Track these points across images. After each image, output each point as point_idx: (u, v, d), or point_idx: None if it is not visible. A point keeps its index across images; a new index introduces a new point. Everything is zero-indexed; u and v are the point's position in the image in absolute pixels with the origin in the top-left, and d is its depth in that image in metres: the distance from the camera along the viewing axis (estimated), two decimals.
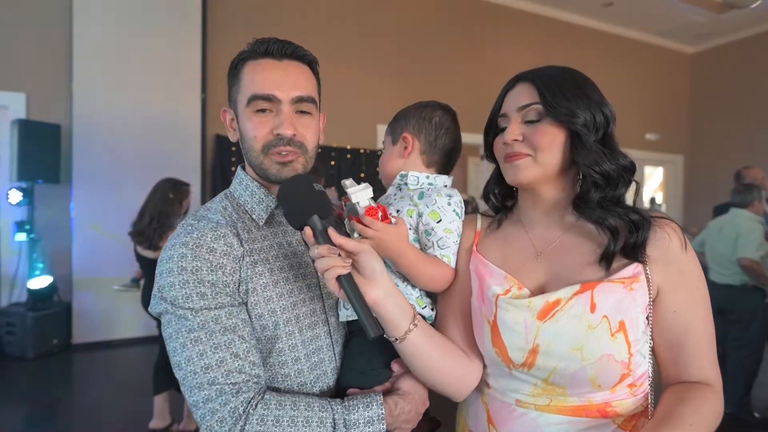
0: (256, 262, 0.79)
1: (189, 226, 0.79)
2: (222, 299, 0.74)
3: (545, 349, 0.75)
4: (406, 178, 0.93)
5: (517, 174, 0.80)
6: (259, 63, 0.82)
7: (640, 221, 0.75)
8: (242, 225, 0.82)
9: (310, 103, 0.84)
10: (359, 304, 0.72)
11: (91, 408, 3.05)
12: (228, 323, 0.74)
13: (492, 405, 0.83)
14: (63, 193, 4.15)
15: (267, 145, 0.82)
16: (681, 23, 6.59)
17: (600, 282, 0.74)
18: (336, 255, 0.72)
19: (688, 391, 0.74)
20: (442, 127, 0.95)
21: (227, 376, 0.71)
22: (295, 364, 0.80)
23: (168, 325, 0.75)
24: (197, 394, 0.71)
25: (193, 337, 0.72)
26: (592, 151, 0.76)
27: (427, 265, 0.85)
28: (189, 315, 0.73)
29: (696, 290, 0.77)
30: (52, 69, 4.11)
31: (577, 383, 0.75)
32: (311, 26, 5.03)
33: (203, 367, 0.71)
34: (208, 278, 0.74)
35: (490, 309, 0.80)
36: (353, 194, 0.78)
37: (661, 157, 7.51)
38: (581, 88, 0.79)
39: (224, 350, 0.72)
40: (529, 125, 0.79)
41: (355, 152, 5.24)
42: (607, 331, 0.72)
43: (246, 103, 0.82)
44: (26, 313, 3.80)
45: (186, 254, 0.74)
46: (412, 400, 0.81)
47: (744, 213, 2.98)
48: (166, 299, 0.74)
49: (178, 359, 0.73)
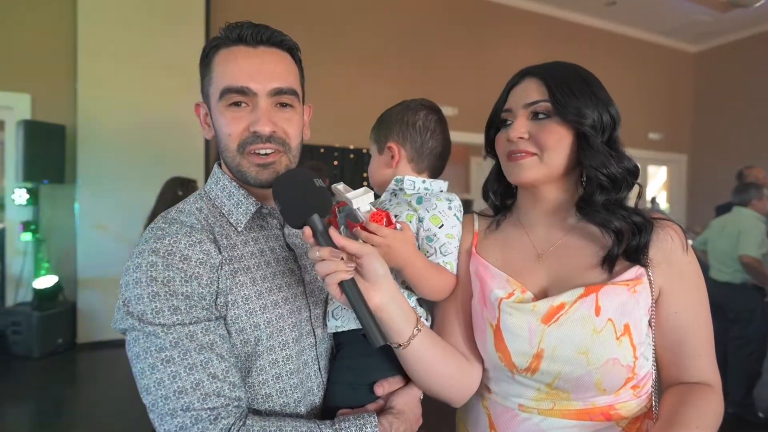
0: (236, 272, 0.71)
1: (159, 231, 0.69)
2: (197, 313, 0.66)
3: (550, 354, 0.73)
4: (402, 183, 0.88)
5: (521, 173, 0.77)
6: (231, 51, 0.73)
7: (643, 224, 0.74)
8: (219, 229, 0.74)
9: (291, 95, 0.75)
10: (363, 311, 0.66)
11: (95, 407, 3.07)
12: (204, 340, 0.65)
13: (493, 410, 0.81)
14: (68, 193, 4.17)
15: (243, 142, 0.73)
16: (684, 22, 6.56)
17: (604, 285, 0.73)
18: (338, 258, 0.66)
19: (691, 392, 0.73)
20: (427, 130, 0.89)
21: (204, 400, 0.63)
22: (277, 382, 0.72)
23: (135, 344, 0.65)
24: (169, 422, 0.63)
25: (165, 356, 0.63)
26: (599, 152, 0.74)
27: (433, 274, 0.80)
28: (160, 332, 0.64)
29: (696, 291, 0.77)
30: (57, 70, 4.13)
31: (582, 388, 0.73)
32: (314, 26, 5.04)
33: (176, 391, 0.62)
34: (181, 290, 0.65)
35: (492, 313, 0.78)
36: (354, 200, 0.72)
37: (665, 156, 7.49)
38: (590, 86, 0.77)
39: (200, 371, 0.64)
40: (536, 123, 0.77)
41: (358, 152, 5.24)
42: (612, 334, 0.71)
43: (218, 96, 0.73)
44: (32, 313, 3.82)
45: (156, 263, 0.65)
46: (406, 419, 0.75)
47: (746, 211, 2.98)
48: (133, 314, 0.65)
49: (146, 383, 0.64)
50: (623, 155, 0.78)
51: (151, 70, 4.28)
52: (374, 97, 5.27)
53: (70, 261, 4.16)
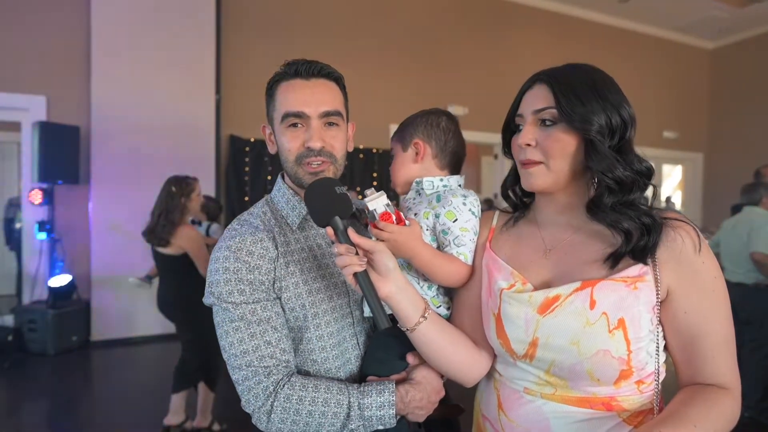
0: (288, 263, 0.90)
1: (233, 231, 0.90)
2: (258, 295, 0.86)
3: (544, 342, 0.78)
4: (422, 185, 0.99)
5: (530, 181, 0.83)
6: (290, 84, 0.92)
7: (652, 224, 0.75)
8: (278, 229, 0.93)
9: (337, 116, 0.93)
10: (372, 299, 0.78)
11: (109, 403, 3.12)
12: (263, 315, 0.85)
13: (503, 391, 0.87)
14: (82, 193, 4.24)
15: (299, 156, 0.91)
16: (700, 18, 6.45)
17: (601, 280, 0.76)
18: (353, 253, 0.78)
19: (701, 392, 0.73)
20: (449, 131, 1.01)
21: (261, 360, 0.84)
22: (322, 351, 0.91)
23: (216, 315, 0.88)
24: (237, 372, 0.84)
25: (234, 326, 0.85)
26: (605, 157, 0.76)
27: (442, 263, 0.89)
28: (230, 308, 0.85)
29: (711, 292, 0.76)
30: (72, 72, 4.20)
31: (576, 376, 0.77)
32: (324, 27, 5.05)
33: (242, 351, 0.84)
34: (246, 277, 0.85)
35: (495, 302, 0.85)
36: (369, 203, 0.85)
37: (680, 155, 7.37)
38: (599, 90, 0.78)
39: (259, 338, 0.84)
40: (543, 129, 0.80)
41: (368, 152, 5.25)
42: (605, 327, 0.73)
43: (280, 120, 0.91)
44: (47, 311, 3.89)
45: (229, 257, 0.86)
46: (423, 389, 0.89)
47: (757, 210, 2.96)
48: (214, 294, 0.87)
49: (223, 343, 0.86)
50: (633, 158, 0.78)
51: (165, 71, 4.33)
52: (385, 97, 5.27)
53: (84, 260, 4.22)
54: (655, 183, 0.81)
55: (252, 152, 4.79)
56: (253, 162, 4.82)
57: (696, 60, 7.43)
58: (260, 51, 4.71)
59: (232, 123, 4.72)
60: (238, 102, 4.66)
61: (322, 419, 0.82)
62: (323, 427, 0.83)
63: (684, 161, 7.60)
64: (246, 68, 4.72)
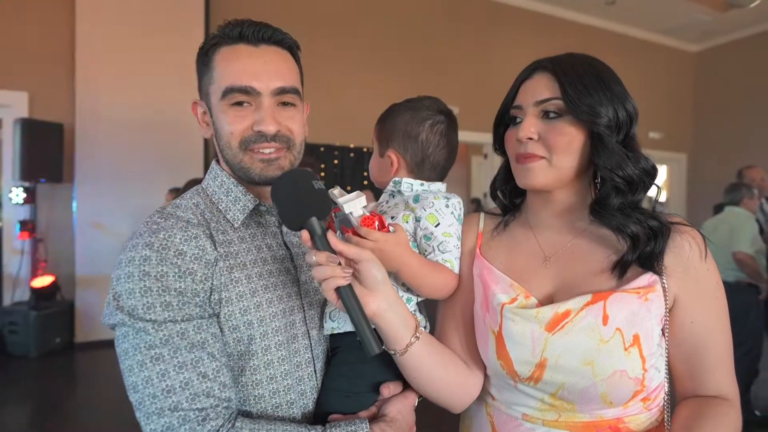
0: (231, 268, 0.70)
1: (155, 225, 0.68)
2: (190, 310, 0.65)
3: (553, 363, 0.69)
4: (400, 185, 0.87)
5: (529, 178, 0.74)
6: (233, 49, 0.73)
7: (660, 228, 0.70)
8: (216, 225, 0.73)
9: (294, 93, 0.75)
10: (359, 318, 0.65)
11: (93, 407, 3.06)
12: (196, 338, 0.64)
13: (497, 418, 0.78)
14: (66, 192, 4.16)
15: (245, 140, 0.72)
16: (685, 21, 6.55)
17: (613, 292, 0.69)
18: (336, 264, 0.65)
19: (707, 406, 0.69)
20: (430, 144, 0.86)
21: (193, 400, 0.62)
22: (270, 383, 0.72)
23: (124, 340, 0.64)
24: (156, 421, 0.61)
25: (154, 354, 0.62)
26: (614, 153, 0.69)
27: (431, 273, 0.79)
28: (150, 328, 0.63)
29: (714, 300, 0.72)
30: (55, 68, 4.11)
31: (587, 399, 0.69)
32: (316, 24, 5.02)
33: (164, 389, 0.61)
34: (174, 285, 0.64)
35: (495, 319, 0.75)
36: (345, 204, 0.71)
37: (665, 155, 7.48)
38: (604, 81, 0.71)
39: (190, 370, 0.63)
40: (547, 122, 0.72)
41: (358, 151, 5.23)
42: (620, 345, 0.67)
43: (220, 95, 0.72)
44: (29, 312, 3.80)
45: (150, 257, 0.64)
46: (399, 427, 0.74)
47: (737, 210, 3.03)
48: (124, 309, 0.64)
49: (134, 380, 0.63)
50: (640, 155, 0.72)
51: (151, 67, 4.27)
52: (375, 95, 5.25)
53: (68, 260, 4.14)
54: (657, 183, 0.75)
55: None
56: None
57: (681, 62, 7.55)
58: None
59: None
60: None
61: None
62: None
63: (669, 161, 7.72)
64: None
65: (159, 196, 4.05)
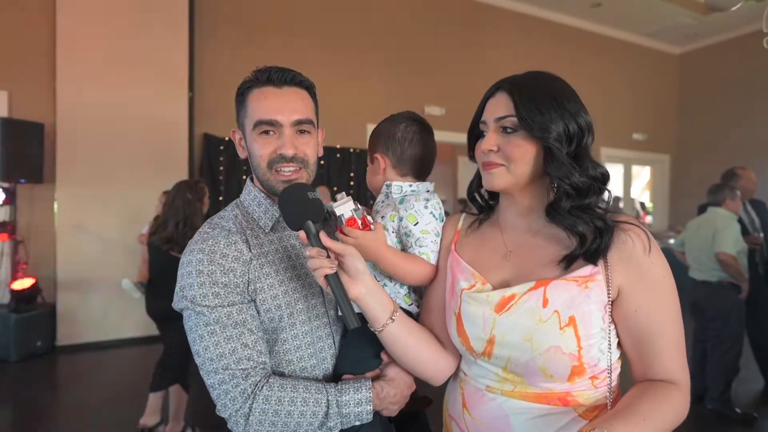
0: (263, 265, 0.91)
1: (205, 234, 0.91)
2: (233, 298, 0.86)
3: (500, 340, 0.82)
4: (391, 188, 1.04)
5: (491, 181, 0.87)
6: (262, 91, 0.93)
7: (605, 228, 0.80)
8: (251, 232, 0.94)
9: (308, 124, 0.95)
10: (342, 300, 0.82)
11: (76, 411, 3.00)
12: (238, 318, 0.86)
13: (467, 390, 0.91)
14: (46, 192, 4.08)
15: (271, 162, 0.93)
16: (668, 24, 6.67)
17: (554, 279, 0.81)
18: (324, 256, 0.82)
19: (651, 387, 0.77)
20: (405, 140, 1.04)
21: (238, 363, 0.84)
22: (297, 351, 0.92)
23: (188, 319, 0.87)
24: (213, 377, 0.84)
25: (209, 330, 0.84)
26: (563, 164, 0.80)
27: (406, 264, 0.94)
28: (205, 311, 0.85)
29: (660, 291, 0.80)
30: (36, 67, 4.03)
31: (531, 372, 0.81)
32: (299, 25, 5.00)
33: (218, 354, 0.84)
34: (221, 280, 0.86)
35: (456, 302, 0.89)
36: (337, 208, 0.89)
37: (649, 156, 7.61)
38: (557, 99, 0.81)
39: (235, 341, 0.85)
40: (505, 135, 0.84)
41: (345, 151, 5.22)
42: (556, 324, 0.78)
43: (252, 127, 0.93)
44: (9, 315, 3.73)
45: (203, 259, 0.86)
46: (396, 385, 0.93)
47: (720, 211, 3.06)
48: (187, 297, 0.87)
49: (197, 348, 0.85)
50: (589, 164, 0.82)
51: (133, 67, 4.21)
52: (361, 97, 5.25)
53: (49, 262, 4.07)
54: (609, 188, 0.85)
55: (227, 151, 4.69)
56: (228, 161, 4.72)
57: (665, 64, 7.68)
58: (235, 48, 4.63)
59: (206, 121, 4.62)
60: (212, 100, 4.57)
61: (301, 419, 0.84)
62: (301, 427, 0.84)
63: (652, 162, 7.85)
64: (221, 65, 4.63)
65: (142, 197, 4.00)
